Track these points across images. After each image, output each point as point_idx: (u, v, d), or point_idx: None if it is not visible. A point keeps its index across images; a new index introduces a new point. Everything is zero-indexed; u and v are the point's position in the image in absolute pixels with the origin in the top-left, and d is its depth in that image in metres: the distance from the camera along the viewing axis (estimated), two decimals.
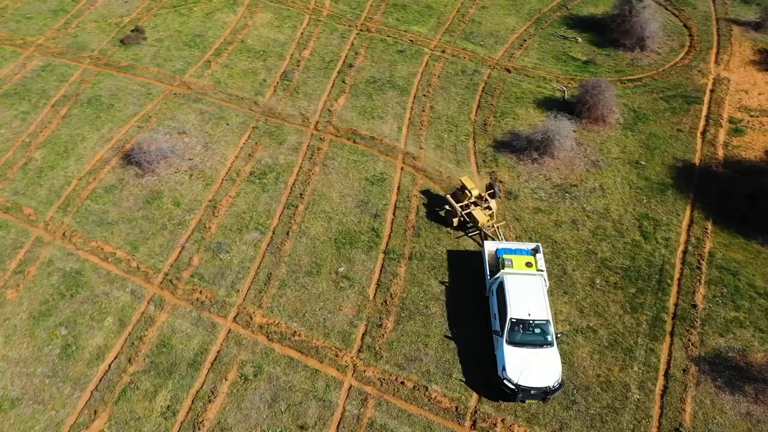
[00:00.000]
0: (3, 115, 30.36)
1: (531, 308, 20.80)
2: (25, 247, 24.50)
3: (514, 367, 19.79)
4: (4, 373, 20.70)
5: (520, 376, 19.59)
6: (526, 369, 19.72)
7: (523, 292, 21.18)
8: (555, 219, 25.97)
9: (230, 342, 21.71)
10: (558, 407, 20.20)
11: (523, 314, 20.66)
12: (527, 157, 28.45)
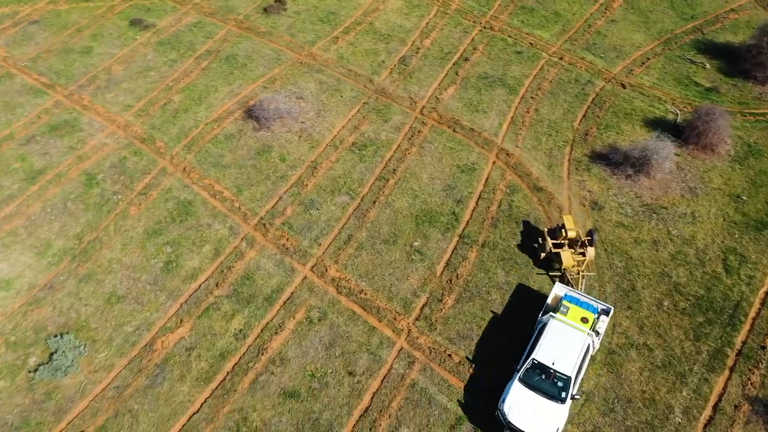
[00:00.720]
0: (156, 60, 34.62)
1: (558, 358, 20.11)
2: (151, 174, 28.21)
3: (514, 404, 19.50)
4: (116, 274, 24.29)
5: (516, 415, 19.25)
6: (525, 412, 19.33)
7: (561, 341, 20.48)
8: (636, 236, 25.93)
9: (304, 287, 24.00)
10: (595, 411, 20.64)
11: (547, 360, 20.11)
12: (621, 172, 28.42)
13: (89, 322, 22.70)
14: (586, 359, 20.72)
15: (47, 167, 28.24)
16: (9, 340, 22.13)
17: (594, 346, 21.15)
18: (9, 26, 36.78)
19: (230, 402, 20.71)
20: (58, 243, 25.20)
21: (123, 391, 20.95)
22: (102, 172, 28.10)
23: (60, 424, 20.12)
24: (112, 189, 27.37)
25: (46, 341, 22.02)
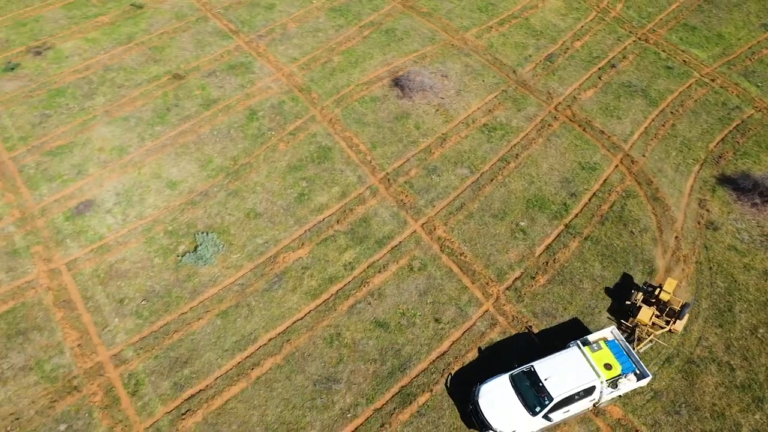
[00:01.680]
0: (325, 24, 38.62)
1: (554, 379, 20.03)
2: (302, 119, 32.06)
3: (491, 392, 20.23)
4: (258, 195, 28.32)
5: (487, 402, 19.94)
6: (496, 403, 19.92)
7: (568, 368, 20.30)
8: (746, 262, 25.71)
9: (411, 239, 26.58)
10: (660, 409, 21.37)
11: (543, 374, 20.18)
12: (747, 200, 28.02)
13: (230, 229, 26.87)
14: (585, 401, 20.29)
15: (220, 98, 33.03)
16: (167, 229, 26.83)
17: (603, 396, 20.50)
18: None
19: (329, 318, 23.85)
20: (217, 160, 29.73)
21: (245, 288, 24.80)
22: (263, 110, 32.40)
23: (193, 301, 24.33)
24: (268, 125, 31.55)
25: (194, 235, 26.45)
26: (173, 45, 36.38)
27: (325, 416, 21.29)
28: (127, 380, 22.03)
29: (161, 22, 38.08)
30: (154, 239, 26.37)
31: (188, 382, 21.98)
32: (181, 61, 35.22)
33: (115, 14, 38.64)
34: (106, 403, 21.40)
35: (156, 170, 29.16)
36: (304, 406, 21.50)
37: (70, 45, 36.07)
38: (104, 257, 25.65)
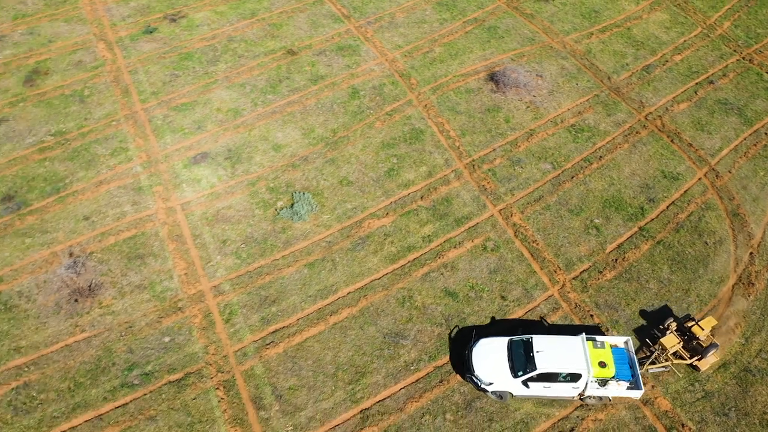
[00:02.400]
0: (431, 17, 40.77)
1: (546, 353, 21.56)
2: (400, 101, 34.40)
3: (486, 348, 22.52)
4: (352, 165, 30.92)
5: (479, 354, 22.33)
6: (487, 358, 22.19)
7: (564, 351, 21.68)
8: None
9: (488, 222, 28.36)
10: (709, 408, 22.22)
11: (538, 348, 21.79)
12: None
13: (323, 192, 29.61)
14: (568, 386, 21.37)
15: (327, 75, 35.89)
16: (269, 185, 29.91)
17: (588, 390, 21.48)
18: None
19: (404, 281, 26.09)
20: (318, 131, 32.57)
21: (332, 246, 27.44)
22: (364, 90, 34.99)
23: (285, 251, 27.23)
24: (368, 104, 34.11)
25: (292, 194, 29.38)
26: (290, 24, 39.65)
27: (390, 365, 23.57)
28: (223, 309, 25.17)
29: (282, 2, 41.49)
30: (257, 193, 29.51)
31: (274, 318, 24.86)
32: (295, 39, 38.42)
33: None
34: (204, 325, 24.61)
35: (264, 133, 32.37)
36: (372, 354, 23.88)
37: (201, 15, 40.10)
38: (213, 203, 29.03)
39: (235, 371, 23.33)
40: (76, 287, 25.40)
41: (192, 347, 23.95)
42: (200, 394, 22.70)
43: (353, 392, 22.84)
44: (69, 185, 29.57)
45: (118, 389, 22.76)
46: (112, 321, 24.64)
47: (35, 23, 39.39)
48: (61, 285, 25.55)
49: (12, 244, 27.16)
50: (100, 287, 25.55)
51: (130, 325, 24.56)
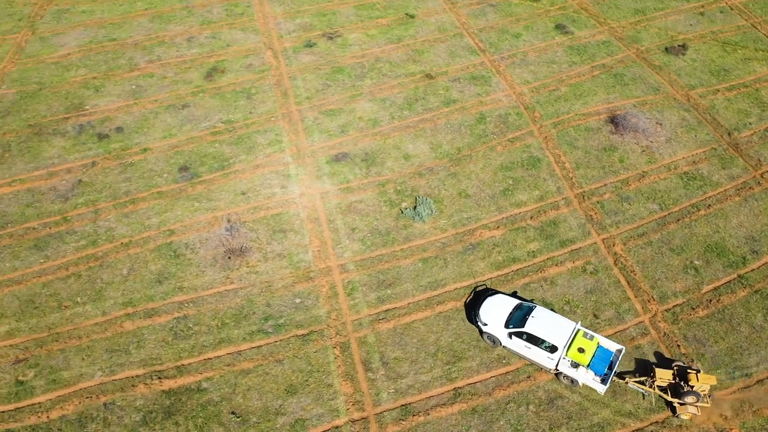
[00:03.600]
0: (561, 58, 43.77)
1: (536, 321, 25.58)
2: (522, 131, 37.62)
3: (495, 303, 27.10)
4: (471, 180, 34.45)
5: (486, 308, 26.88)
6: (491, 311, 26.70)
7: (553, 326, 25.49)
8: None
9: (590, 248, 30.81)
10: None
11: (535, 315, 25.91)
12: None
13: (443, 200, 33.31)
14: (545, 355, 25.12)
15: (458, 100, 39.84)
16: (396, 188, 34.04)
17: (561, 366, 24.97)
18: (474, 3, 49.97)
19: (505, 287, 29.07)
20: (445, 147, 36.45)
21: (445, 247, 31.00)
22: (491, 116, 38.56)
23: (404, 245, 31.08)
24: (492, 130, 37.61)
25: (416, 198, 33.31)
26: (431, 51, 44.15)
27: (484, 355, 26.62)
28: (346, 285, 29.33)
29: (426, 32, 46.18)
30: (386, 192, 33.71)
31: (388, 299, 28.68)
32: (434, 65, 42.80)
33: (392, 19, 47.62)
34: (329, 295, 28.86)
35: (397, 143, 36.68)
36: (470, 344, 27.04)
37: (354, 36, 45.57)
38: (347, 196, 33.54)
39: (351, 337, 27.30)
40: (230, 247, 30.57)
41: (317, 311, 28.23)
42: (320, 349, 26.84)
43: (449, 372, 26.07)
44: (232, 165, 35.23)
45: (255, 333, 27.38)
46: (255, 279, 29.49)
47: (218, 29, 46.51)
48: (219, 244, 30.83)
49: (184, 205, 32.97)
50: (248, 250, 30.57)
51: (269, 284, 29.28)
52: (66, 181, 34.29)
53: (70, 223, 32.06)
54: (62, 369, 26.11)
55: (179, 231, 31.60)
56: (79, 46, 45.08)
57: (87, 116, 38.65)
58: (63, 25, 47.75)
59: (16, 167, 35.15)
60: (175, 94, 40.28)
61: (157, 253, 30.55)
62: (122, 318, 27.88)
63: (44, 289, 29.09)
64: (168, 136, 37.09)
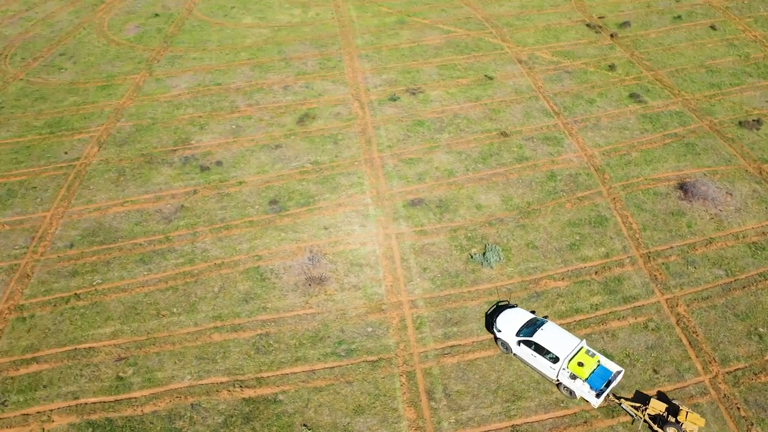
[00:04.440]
0: (633, 125, 45.42)
1: (547, 334, 28.37)
2: (591, 190, 39.24)
3: (511, 316, 29.89)
4: (539, 233, 36.21)
5: (502, 318, 29.82)
6: (507, 321, 29.56)
7: (559, 340, 28.11)
8: None
9: (653, 306, 31.73)
10: None
11: (545, 328, 28.73)
12: None
13: (511, 249, 35.16)
14: (547, 364, 27.72)
15: (531, 158, 42.06)
16: (467, 234, 36.20)
17: (560, 376, 27.49)
18: (550, 69, 52.68)
19: None
20: (515, 200, 38.52)
21: (511, 292, 32.67)
22: (561, 175, 40.49)
23: (471, 287, 32.97)
24: (562, 187, 39.48)
25: (485, 245, 35.33)
26: (507, 111, 46.84)
27: (543, 397, 27.84)
28: (415, 319, 31.39)
29: (503, 93, 49.05)
30: (457, 238, 35.92)
31: (454, 336, 30.49)
32: (509, 124, 45.38)
33: (472, 79, 50.85)
34: (399, 327, 30.96)
35: (470, 193, 39.06)
36: (530, 385, 28.36)
37: (436, 93, 48.93)
38: (420, 238, 35.94)
39: (417, 367, 29.16)
40: (311, 275, 33.34)
41: (387, 340, 30.33)
42: (388, 376, 28.80)
43: (508, 409, 27.41)
44: (317, 202, 38.46)
45: (328, 355, 29.69)
46: (332, 306, 32.00)
47: (311, 80, 50.99)
48: (301, 271, 33.67)
49: (272, 234, 36.21)
50: (327, 279, 33.24)
51: (344, 312, 31.70)
52: (170, 205, 38.33)
53: (172, 242, 35.79)
54: (157, 370, 29.09)
55: (266, 257, 34.71)
56: (188, 88, 50.41)
57: (192, 150, 43.14)
58: (176, 69, 53.52)
59: (128, 190, 39.61)
60: (270, 135, 44.40)
61: (245, 275, 33.66)
62: (211, 330, 30.83)
63: (146, 298, 32.55)
64: (261, 172, 40.89)
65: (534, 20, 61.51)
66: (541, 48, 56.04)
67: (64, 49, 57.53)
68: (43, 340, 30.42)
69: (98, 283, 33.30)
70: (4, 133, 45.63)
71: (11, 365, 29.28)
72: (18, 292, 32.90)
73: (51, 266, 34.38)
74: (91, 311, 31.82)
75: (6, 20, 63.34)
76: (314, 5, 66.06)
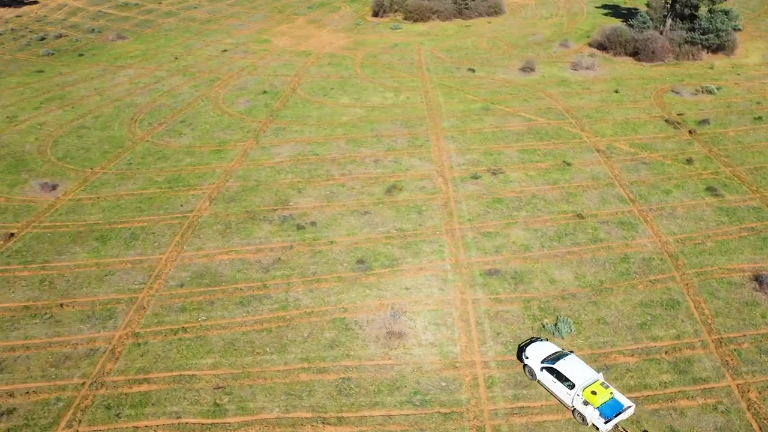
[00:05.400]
0: (709, 217, 46.73)
1: (569, 364, 31.82)
2: (664, 275, 40.59)
3: (539, 345, 33.97)
4: (610, 310, 37.75)
5: (531, 348, 33.79)
6: (534, 351, 33.49)
7: (579, 371, 31.39)
8: None
9: (723, 390, 32.32)
10: None
11: (568, 359, 32.13)
12: None
13: (582, 323, 36.84)
14: (564, 391, 31.13)
15: (605, 240, 44.05)
16: (540, 306, 38.23)
17: (575, 402, 30.62)
18: (628, 159, 55.13)
19: (636, 410, 31.38)
20: (588, 278, 40.40)
21: None
22: (634, 258, 42.17)
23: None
24: (635, 270, 41.09)
25: (557, 316, 37.18)
26: (583, 195, 49.39)
27: None
28: (487, 378, 33.36)
29: (580, 178, 51.78)
30: (530, 308, 38.02)
31: (523, 398, 32.16)
32: (585, 207, 47.81)
33: (551, 164, 54.00)
34: (471, 384, 33.00)
35: (544, 268, 41.31)
36: None
37: (515, 175, 52.28)
38: (495, 305, 38.28)
39: (487, 423, 30.92)
40: (391, 330, 36.16)
41: (459, 396, 32.37)
42: (458, 428, 30.69)
43: None
44: (400, 264, 41.76)
45: (404, 403, 31.98)
46: (409, 359, 34.55)
47: (399, 156, 55.66)
48: (382, 325, 36.59)
49: (357, 290, 39.57)
50: (406, 335, 35.95)
51: (420, 366, 34.13)
52: (268, 257, 42.66)
53: (268, 289, 39.77)
54: (249, 400, 32.24)
55: (351, 310, 37.95)
56: (289, 156, 56.14)
57: (290, 210, 47.93)
58: (279, 139, 59.74)
59: (233, 241, 44.41)
60: (360, 202, 48.71)
61: (332, 324, 36.90)
62: (299, 370, 33.92)
63: (243, 336, 36.24)
64: (350, 234, 44.88)
65: (613, 114, 64.68)
66: (619, 139, 58.84)
67: (184, 117, 65.37)
68: (153, 364, 34.38)
69: (203, 320, 37.38)
70: (131, 185, 52.25)
71: (126, 383, 33.24)
72: (135, 321, 37.40)
73: (164, 301, 38.91)
74: (196, 343, 35.72)
75: (138, 90, 72.67)
76: (405, 90, 72.09)
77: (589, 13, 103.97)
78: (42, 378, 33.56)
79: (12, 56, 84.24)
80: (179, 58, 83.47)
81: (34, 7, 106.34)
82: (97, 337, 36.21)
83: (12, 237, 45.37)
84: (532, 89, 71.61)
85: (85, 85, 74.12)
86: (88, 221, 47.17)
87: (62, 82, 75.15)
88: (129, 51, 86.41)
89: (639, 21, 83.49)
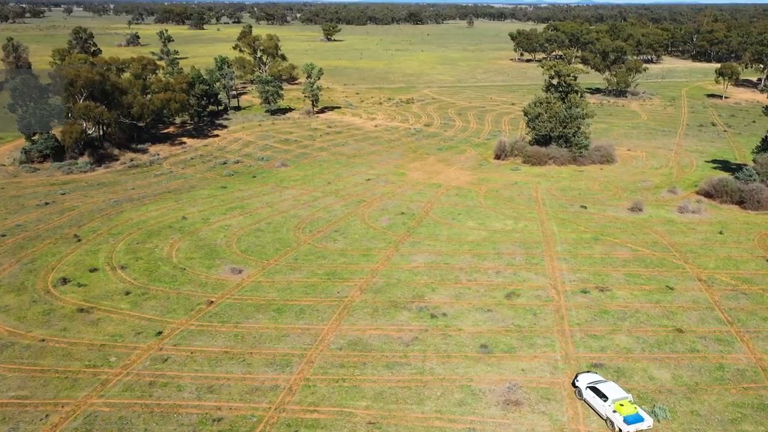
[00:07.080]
0: None
1: (608, 386, 43.08)
2: (757, 384, 45.72)
3: (588, 376, 44.97)
4: (703, 405, 43.39)
5: (582, 377, 44.88)
6: (586, 378, 44.53)
7: (614, 390, 42.57)
8: None
9: None
10: None
11: (607, 384, 43.52)
12: None
13: (676, 411, 42.74)
14: (600, 403, 41.94)
15: (701, 351, 49.94)
16: (638, 395, 44.63)
17: (607, 412, 41.22)
18: (728, 289, 61.06)
19: None
20: (685, 379, 46.36)
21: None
22: (729, 368, 47.68)
23: None
24: (729, 377, 46.58)
25: (654, 404, 43.37)
26: (683, 314, 55.88)
27: None
28: None
29: (681, 301, 58.44)
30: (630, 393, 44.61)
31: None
32: (684, 324, 54.22)
33: (654, 287, 61.22)
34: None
35: (644, 367, 47.86)
36: None
37: (621, 293, 59.97)
38: None
39: None
40: (509, 399, 44.11)
41: None
42: None
43: None
44: (517, 351, 50.09)
45: None
46: (524, 422, 42.07)
47: (517, 270, 65.36)
48: (501, 394, 44.65)
49: (481, 368, 48.17)
50: (521, 403, 43.68)
51: (533, 429, 41.52)
52: (408, 336, 52.65)
53: (408, 359, 49.39)
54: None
55: (476, 380, 46.46)
56: (424, 263, 67.53)
57: (425, 303, 58.31)
58: (415, 249, 71.70)
59: (379, 321, 55.10)
60: (483, 302, 58.26)
61: (460, 389, 45.49)
62: (434, 418, 42.47)
63: (389, 389, 45.62)
64: (475, 325, 54.14)
65: (716, 251, 71.18)
66: (720, 272, 65.09)
67: (337, 228, 79.64)
68: (321, 400, 44.39)
69: (357, 375, 47.37)
70: (298, 274, 65.41)
71: (301, 410, 43.30)
72: (306, 370, 48.08)
73: (327, 359, 49.54)
74: (353, 390, 45.52)
75: (300, 206, 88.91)
76: (523, 219, 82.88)
77: (698, 167, 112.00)
78: (240, 400, 44.47)
79: (203, 175, 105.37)
80: (331, 183, 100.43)
81: (216, 139, 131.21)
82: (278, 377, 47.08)
83: (212, 303, 58.91)
84: (640, 226, 79.84)
85: (258, 199, 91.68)
86: (267, 297, 60.08)
87: (241, 196, 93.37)
88: (291, 175, 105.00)
89: (745, 174, 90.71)
